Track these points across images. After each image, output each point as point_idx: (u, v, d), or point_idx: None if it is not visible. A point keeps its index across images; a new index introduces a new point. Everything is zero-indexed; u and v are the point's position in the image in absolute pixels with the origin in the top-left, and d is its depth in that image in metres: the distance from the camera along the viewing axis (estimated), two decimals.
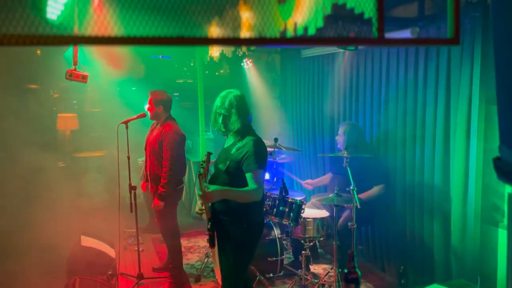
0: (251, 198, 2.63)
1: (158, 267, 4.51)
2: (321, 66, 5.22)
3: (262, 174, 2.65)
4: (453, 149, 3.41)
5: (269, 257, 4.07)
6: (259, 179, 2.62)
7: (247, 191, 2.62)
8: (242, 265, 2.80)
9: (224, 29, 1.00)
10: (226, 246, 2.76)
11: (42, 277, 4.31)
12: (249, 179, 2.62)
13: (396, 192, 4.08)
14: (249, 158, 2.62)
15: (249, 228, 2.73)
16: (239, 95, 2.76)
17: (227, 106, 2.71)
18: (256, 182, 2.60)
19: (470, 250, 3.28)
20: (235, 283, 2.78)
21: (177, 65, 7.94)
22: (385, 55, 4.10)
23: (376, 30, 0.83)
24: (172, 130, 3.89)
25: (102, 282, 3.82)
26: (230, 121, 2.72)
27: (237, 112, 2.70)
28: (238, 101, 2.72)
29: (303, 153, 5.77)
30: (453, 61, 3.36)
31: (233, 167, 2.67)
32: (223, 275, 2.81)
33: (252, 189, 2.61)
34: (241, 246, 2.74)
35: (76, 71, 3.62)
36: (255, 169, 2.61)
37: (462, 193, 3.33)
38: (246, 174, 2.63)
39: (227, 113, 2.72)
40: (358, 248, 4.49)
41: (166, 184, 3.81)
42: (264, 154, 2.73)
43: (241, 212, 2.68)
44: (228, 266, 2.77)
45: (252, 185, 2.61)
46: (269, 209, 3.68)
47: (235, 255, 2.74)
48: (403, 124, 3.93)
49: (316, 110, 5.40)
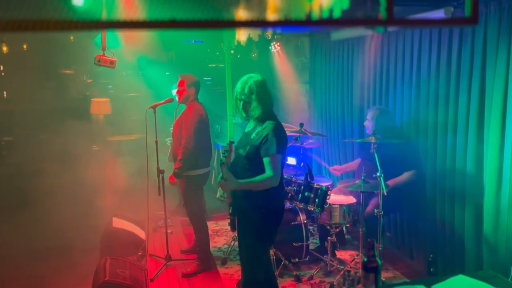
0: (268, 185, 2.62)
1: (186, 249, 4.60)
2: (351, 49, 5.08)
3: (279, 160, 2.61)
4: (487, 136, 3.26)
5: (294, 242, 4.07)
6: (277, 164, 2.59)
7: (263, 180, 2.60)
8: (262, 250, 2.81)
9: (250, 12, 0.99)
10: (246, 230, 2.78)
11: (76, 255, 4.49)
12: (266, 164, 2.60)
13: (426, 179, 3.96)
14: (267, 143, 2.60)
15: (269, 213, 2.72)
16: (259, 80, 2.71)
17: (247, 92, 2.69)
18: (273, 168, 2.58)
19: (503, 241, 3.16)
20: (254, 267, 2.80)
21: (209, 49, 7.95)
22: (417, 37, 3.95)
23: (385, 10, 0.79)
24: (193, 110, 3.91)
25: (132, 263, 3.94)
26: (251, 107, 2.70)
27: (257, 98, 2.67)
28: (258, 87, 2.68)
29: (331, 138, 5.70)
30: (489, 43, 3.19)
31: (252, 152, 2.66)
32: (243, 259, 2.85)
33: (268, 177, 2.59)
34: (261, 231, 2.74)
35: (104, 56, 3.69)
36: (273, 154, 2.58)
37: (496, 182, 3.19)
38: (264, 158, 2.60)
39: (247, 99, 2.69)
40: (385, 235, 4.42)
41: (181, 161, 3.83)
42: (283, 139, 2.68)
43: (261, 197, 2.67)
44: (248, 250, 2.80)
45: (268, 171, 2.59)
46: (294, 194, 3.66)
47: (255, 240, 2.75)
48: (435, 109, 3.79)
49: (346, 94, 5.29)
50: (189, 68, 4.14)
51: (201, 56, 7.71)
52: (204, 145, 4.02)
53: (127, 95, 7.73)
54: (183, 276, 4.07)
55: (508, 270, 3.10)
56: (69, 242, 4.69)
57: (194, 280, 4.03)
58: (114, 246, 4.41)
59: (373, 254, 1.77)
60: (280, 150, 2.61)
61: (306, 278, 3.93)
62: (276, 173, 2.59)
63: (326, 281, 3.87)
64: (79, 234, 4.83)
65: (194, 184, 4.00)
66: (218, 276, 4.08)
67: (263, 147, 2.61)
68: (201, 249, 4.14)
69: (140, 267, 3.98)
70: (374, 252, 1.77)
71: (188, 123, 3.85)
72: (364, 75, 4.87)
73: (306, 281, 3.89)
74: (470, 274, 2.28)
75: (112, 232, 4.54)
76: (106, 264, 3.66)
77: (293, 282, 3.87)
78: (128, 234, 4.61)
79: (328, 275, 3.97)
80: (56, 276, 4.17)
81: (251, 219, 2.74)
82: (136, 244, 4.58)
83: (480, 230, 3.40)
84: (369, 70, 4.75)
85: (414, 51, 4.00)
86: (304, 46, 6.46)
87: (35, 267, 3.98)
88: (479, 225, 3.40)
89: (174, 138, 4.08)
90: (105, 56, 3.74)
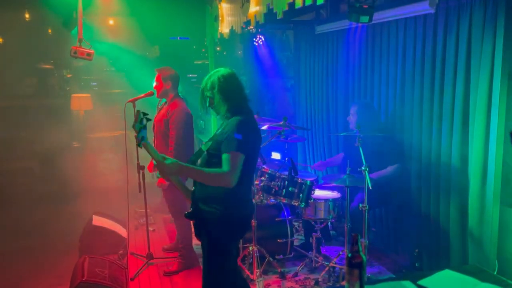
0: (220, 181, 2.33)
1: (168, 247, 4.50)
2: (335, 42, 5.02)
3: (240, 159, 2.33)
4: (472, 127, 3.22)
5: (278, 239, 4.00)
6: (235, 163, 2.31)
7: (215, 174, 2.33)
8: (220, 267, 2.51)
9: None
10: (203, 239, 2.52)
11: (55, 254, 4.37)
12: (223, 160, 2.33)
13: (411, 172, 3.93)
14: (228, 139, 2.36)
15: (228, 223, 2.45)
16: (225, 74, 2.49)
17: (209, 88, 2.49)
18: (230, 165, 2.30)
19: (488, 234, 3.13)
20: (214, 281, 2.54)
21: (195, 46, 7.84)
22: (401, 29, 3.89)
23: None
24: (178, 108, 3.81)
25: (112, 261, 3.83)
26: (215, 103, 2.50)
27: (222, 93, 2.46)
28: (223, 81, 2.47)
29: (316, 132, 5.64)
30: (474, 35, 3.14)
31: (213, 148, 2.44)
32: (203, 274, 2.58)
33: (221, 172, 2.31)
34: (217, 243, 2.47)
35: (81, 48, 3.56)
36: (232, 151, 2.32)
37: (481, 174, 3.16)
38: (223, 155, 2.35)
39: (211, 95, 2.50)
40: (371, 230, 4.38)
41: None
42: (248, 137, 2.39)
43: (222, 202, 2.42)
44: (207, 263, 2.53)
45: (224, 167, 2.31)
46: (278, 189, 3.59)
47: (210, 252, 2.49)
48: (420, 101, 3.75)
49: (330, 88, 5.23)
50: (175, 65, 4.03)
51: (187, 53, 7.60)
52: (190, 142, 3.94)
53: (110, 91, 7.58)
54: (164, 275, 3.96)
55: (494, 264, 3.08)
56: (48, 241, 4.56)
57: (176, 278, 3.93)
58: (94, 244, 4.30)
59: (357, 249, 1.70)
60: (241, 149, 2.33)
61: (290, 275, 3.87)
62: (233, 170, 2.30)
63: (311, 277, 3.81)
64: (58, 232, 4.71)
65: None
66: (200, 274, 3.97)
67: (223, 143, 2.37)
68: (184, 246, 4.05)
69: (121, 266, 3.87)
70: (358, 247, 1.70)
71: (177, 124, 3.76)
72: (348, 68, 4.81)
73: (291, 278, 3.82)
74: (456, 269, 2.24)
75: (92, 231, 4.43)
76: (84, 264, 3.55)
77: (277, 279, 3.80)
78: (109, 232, 4.51)
79: (313, 272, 3.91)
80: (33, 276, 4.05)
81: (208, 227, 2.47)
82: (117, 243, 4.47)
83: (465, 225, 3.37)
84: (354, 63, 4.70)
85: (399, 43, 3.95)
86: (289, 40, 6.39)
87: (11, 267, 3.85)
88: (464, 220, 3.37)
89: (158, 136, 3.95)
90: (82, 48, 3.61)
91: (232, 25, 4.45)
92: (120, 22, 7.05)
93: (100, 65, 7.49)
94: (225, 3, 4.57)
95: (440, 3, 3.40)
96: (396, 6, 3.80)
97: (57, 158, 6.42)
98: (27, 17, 6.79)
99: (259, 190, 3.68)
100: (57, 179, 6.16)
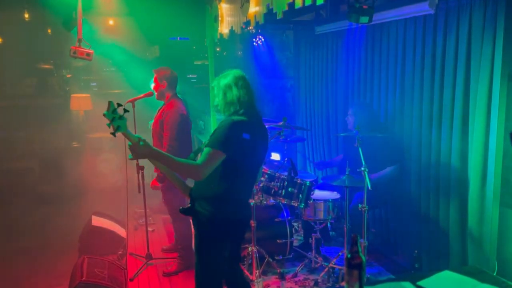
0: (189, 173, 2.35)
1: (167, 248, 4.50)
2: (335, 43, 5.02)
3: (216, 156, 2.33)
4: (471, 128, 3.22)
5: (278, 239, 3.99)
6: (210, 159, 2.31)
7: (185, 164, 2.33)
8: (206, 267, 2.52)
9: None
10: (196, 239, 2.55)
11: (54, 254, 4.36)
12: (202, 154, 2.35)
13: (411, 174, 3.92)
14: (214, 135, 2.40)
15: (216, 224, 2.46)
16: (238, 76, 2.56)
17: (222, 88, 2.54)
18: (205, 160, 2.30)
19: (488, 236, 3.13)
20: (204, 280, 2.54)
21: (195, 46, 7.83)
22: (401, 29, 3.89)
23: None
24: (173, 109, 3.79)
25: (111, 262, 3.82)
26: (224, 103, 2.54)
27: (232, 95, 2.50)
28: (232, 82, 2.52)
29: (316, 133, 5.64)
30: (473, 36, 3.14)
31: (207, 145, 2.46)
32: (196, 266, 2.58)
33: (193, 164, 2.32)
34: (204, 242, 2.50)
35: (80, 48, 3.56)
36: (213, 148, 2.33)
37: (481, 175, 3.16)
38: (204, 149, 2.36)
39: (223, 95, 2.54)
40: (370, 231, 4.38)
41: None
42: (236, 137, 2.37)
43: (212, 203, 2.44)
44: (195, 264, 2.55)
45: (199, 160, 2.34)
46: (278, 190, 3.59)
47: (198, 251, 2.52)
48: (420, 102, 3.74)
49: (330, 89, 5.23)
50: (174, 66, 4.03)
51: (186, 54, 7.60)
52: (186, 143, 3.91)
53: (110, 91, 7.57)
54: (164, 275, 3.96)
55: (493, 265, 3.08)
56: (47, 241, 4.55)
57: (175, 279, 3.92)
58: (93, 245, 4.29)
59: (356, 250, 1.69)
60: (222, 147, 2.33)
61: (290, 275, 3.86)
62: (204, 165, 2.30)
63: (311, 278, 3.81)
64: (57, 233, 4.70)
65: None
66: None
67: (209, 138, 2.42)
68: (183, 247, 4.04)
69: (120, 267, 3.87)
70: (358, 248, 1.70)
71: (170, 125, 3.74)
72: (348, 69, 4.81)
73: (290, 278, 3.82)
74: (455, 270, 2.23)
75: (91, 231, 4.41)
76: (83, 264, 3.54)
77: (277, 280, 3.79)
78: (108, 232, 4.49)
79: (312, 272, 3.90)
80: (32, 276, 4.03)
81: (200, 226, 2.49)
82: (116, 243, 4.46)
83: (465, 225, 3.36)
84: (353, 64, 4.70)
85: (399, 44, 3.95)
86: (289, 40, 6.39)
87: (11, 267, 3.84)
88: (464, 220, 3.37)
89: (154, 137, 3.94)
90: (81, 48, 3.61)
91: (232, 25, 4.44)
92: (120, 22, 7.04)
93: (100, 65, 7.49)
94: (224, 4, 4.56)
95: (440, 4, 3.39)
96: (396, 7, 3.80)
97: (56, 158, 6.41)
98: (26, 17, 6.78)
99: (258, 190, 3.67)
100: (56, 179, 6.15)
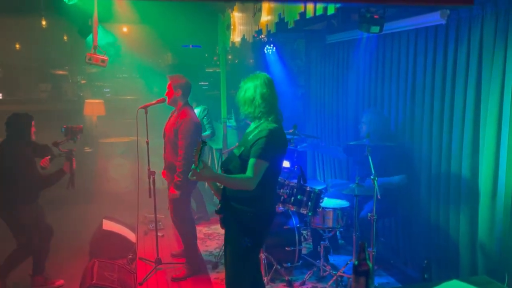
0: (243, 186, 2.54)
1: (177, 253, 4.52)
2: (346, 52, 5.05)
3: (263, 166, 2.51)
4: (482, 138, 3.21)
5: (286, 247, 4.00)
6: (259, 170, 2.50)
7: (240, 179, 2.53)
8: (245, 255, 2.66)
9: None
10: (230, 232, 2.70)
11: (65, 257, 4.41)
12: (249, 165, 2.52)
13: (421, 182, 3.91)
14: (257, 146, 2.52)
15: (256, 217, 2.63)
16: (267, 80, 2.66)
17: (252, 91, 2.63)
18: (254, 172, 2.49)
19: (498, 247, 3.10)
20: (238, 271, 2.68)
21: (207, 54, 7.91)
22: (412, 39, 3.91)
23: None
24: (187, 118, 3.84)
25: (121, 266, 3.86)
26: (253, 107, 2.64)
27: (263, 98, 2.60)
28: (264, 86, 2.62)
29: (326, 141, 5.65)
30: (485, 45, 3.15)
31: (245, 154, 2.59)
32: (227, 261, 2.73)
33: (246, 178, 2.51)
34: (245, 235, 2.62)
35: (95, 55, 3.63)
36: (259, 159, 2.50)
37: (492, 185, 3.14)
38: (250, 159, 2.53)
39: (252, 99, 2.63)
40: (379, 240, 4.36)
41: (181, 173, 3.78)
42: (276, 146, 2.58)
43: (249, 200, 2.59)
44: (232, 253, 2.69)
45: (249, 172, 2.51)
46: (287, 197, 3.60)
47: (237, 244, 2.64)
48: (430, 112, 3.74)
49: (341, 97, 5.24)
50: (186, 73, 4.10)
51: (199, 61, 7.68)
52: None
53: (123, 97, 7.68)
54: (172, 280, 3.98)
55: (503, 276, 3.05)
56: (58, 244, 4.59)
57: (183, 284, 3.95)
58: (104, 248, 4.33)
59: (364, 257, 1.71)
60: (267, 157, 2.51)
61: (298, 283, 3.86)
62: (255, 177, 2.50)
63: (319, 286, 3.81)
64: (69, 236, 4.75)
65: (184, 189, 3.92)
66: (208, 281, 4.00)
67: (253, 148, 2.54)
68: (188, 253, 4.07)
69: (129, 271, 3.90)
70: (365, 255, 1.71)
71: (185, 134, 3.80)
72: (359, 78, 4.83)
73: (298, 286, 3.82)
74: (464, 280, 2.22)
75: (102, 235, 4.46)
76: (93, 267, 3.58)
77: (285, 287, 3.79)
78: (118, 237, 4.54)
79: (320, 281, 3.90)
80: None
81: (236, 221, 2.65)
82: (126, 247, 4.50)
83: (475, 235, 3.34)
84: (364, 73, 4.72)
85: (410, 53, 3.96)
86: (300, 49, 6.43)
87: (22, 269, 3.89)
88: (474, 230, 3.34)
89: (168, 144, 4.00)
90: (96, 54, 3.68)
91: (244, 33, 4.50)
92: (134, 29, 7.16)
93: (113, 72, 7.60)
94: (237, 12, 4.63)
95: (451, 14, 3.40)
96: (407, 17, 3.81)
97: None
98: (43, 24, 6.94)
99: None
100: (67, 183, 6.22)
